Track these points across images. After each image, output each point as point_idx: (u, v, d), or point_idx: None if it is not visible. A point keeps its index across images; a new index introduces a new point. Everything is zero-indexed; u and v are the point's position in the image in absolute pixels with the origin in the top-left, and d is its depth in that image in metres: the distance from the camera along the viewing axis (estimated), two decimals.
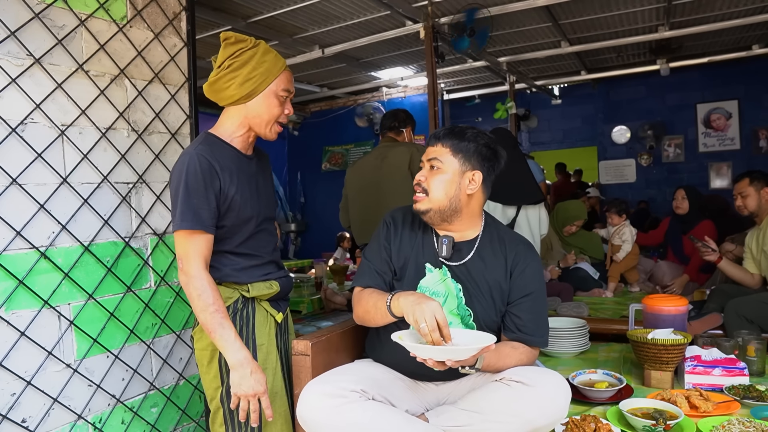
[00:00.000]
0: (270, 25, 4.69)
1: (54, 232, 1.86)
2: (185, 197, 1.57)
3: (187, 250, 1.57)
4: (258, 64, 1.63)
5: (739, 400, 1.78)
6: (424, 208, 1.66)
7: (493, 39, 5.45)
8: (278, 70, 1.66)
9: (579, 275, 3.95)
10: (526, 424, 1.42)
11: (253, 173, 1.76)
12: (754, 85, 7.28)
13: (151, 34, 2.20)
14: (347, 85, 7.21)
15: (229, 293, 1.70)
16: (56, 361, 1.86)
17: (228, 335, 1.55)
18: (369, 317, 1.67)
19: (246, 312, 1.72)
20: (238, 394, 1.56)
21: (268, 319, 1.76)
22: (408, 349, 1.40)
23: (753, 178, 3.03)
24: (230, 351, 1.55)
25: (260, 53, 1.64)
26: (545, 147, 8.94)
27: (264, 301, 1.77)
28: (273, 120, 1.69)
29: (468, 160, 1.66)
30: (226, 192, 1.63)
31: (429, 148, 1.70)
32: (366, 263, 1.76)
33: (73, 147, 1.93)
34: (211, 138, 1.69)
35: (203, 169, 1.58)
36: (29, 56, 1.80)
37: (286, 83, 1.69)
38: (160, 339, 2.22)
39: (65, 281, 1.89)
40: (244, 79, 1.62)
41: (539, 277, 1.71)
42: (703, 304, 3.00)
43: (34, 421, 1.80)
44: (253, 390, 1.55)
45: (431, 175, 1.66)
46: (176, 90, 2.31)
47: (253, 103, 1.66)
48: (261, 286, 1.75)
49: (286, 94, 1.70)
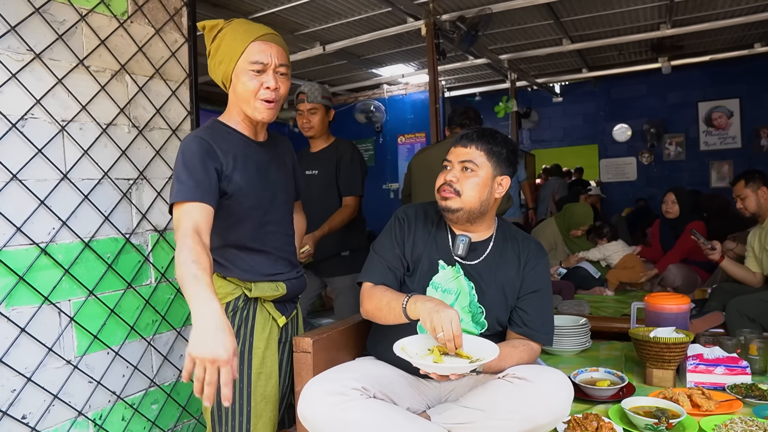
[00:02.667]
0: (271, 22, 4.67)
1: (54, 228, 1.86)
2: (181, 173, 1.48)
3: (179, 219, 1.42)
4: (226, 45, 1.55)
5: (742, 399, 1.77)
6: (455, 206, 1.65)
7: (494, 36, 5.44)
8: (243, 43, 1.53)
9: (580, 274, 3.95)
10: (529, 422, 1.42)
11: (264, 160, 1.67)
12: (756, 84, 7.27)
13: (152, 30, 2.19)
14: (348, 82, 7.19)
15: (230, 289, 1.63)
16: (56, 358, 1.86)
17: (198, 287, 1.24)
18: (380, 315, 1.64)
19: (246, 312, 1.64)
20: (193, 355, 1.15)
21: (269, 322, 1.68)
22: (412, 363, 1.41)
23: (749, 179, 3.02)
24: (196, 301, 1.22)
25: (228, 33, 1.55)
26: (546, 145, 8.93)
27: (268, 302, 1.68)
28: (251, 96, 1.56)
29: (499, 165, 1.67)
30: (229, 175, 1.55)
31: (459, 149, 1.68)
32: (377, 258, 1.75)
33: (73, 143, 1.92)
34: (216, 124, 1.64)
35: (200, 148, 1.51)
36: (29, 51, 1.79)
37: (254, 55, 1.53)
38: (160, 336, 2.21)
39: (66, 277, 1.88)
40: (218, 63, 1.58)
41: (547, 276, 1.75)
42: (705, 302, 2.99)
43: (35, 417, 1.80)
44: (212, 354, 1.14)
45: (464, 177, 1.65)
46: (177, 86, 2.30)
47: (233, 85, 1.58)
48: (265, 286, 1.65)
49: (258, 66, 1.53)
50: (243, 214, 1.61)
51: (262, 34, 1.55)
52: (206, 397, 1.14)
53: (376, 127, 7.43)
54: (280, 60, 1.57)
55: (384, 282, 1.70)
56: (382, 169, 7.48)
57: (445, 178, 1.67)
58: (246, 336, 1.62)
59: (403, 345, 1.48)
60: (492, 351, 1.45)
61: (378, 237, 1.81)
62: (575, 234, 4.13)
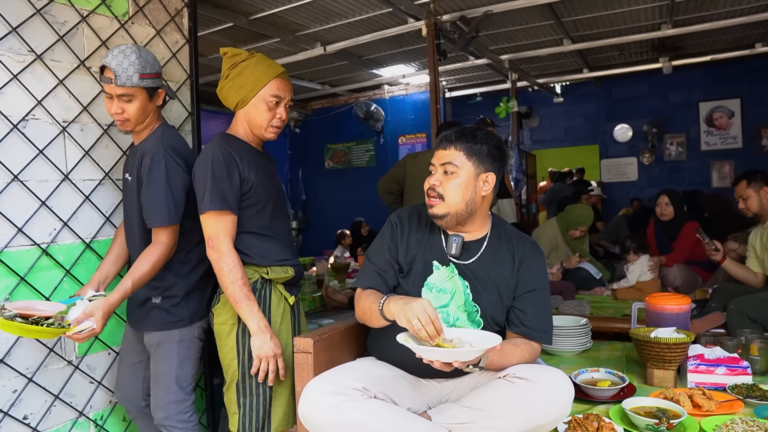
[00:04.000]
0: (272, 22, 4.68)
1: (55, 229, 1.86)
2: (212, 183, 1.76)
3: (217, 230, 1.77)
4: (249, 74, 1.83)
5: (743, 400, 1.77)
6: (441, 212, 1.64)
7: (495, 36, 5.44)
8: (268, 78, 1.84)
9: (581, 274, 3.94)
10: (530, 422, 1.42)
11: (266, 165, 1.97)
12: (757, 84, 7.26)
13: (152, 31, 2.19)
14: (349, 83, 7.20)
15: (250, 274, 1.87)
16: (58, 358, 1.86)
17: (252, 306, 1.78)
18: (366, 318, 1.69)
19: (264, 292, 1.89)
20: (260, 356, 1.78)
21: (282, 300, 1.94)
22: (414, 351, 1.40)
23: (750, 180, 3.01)
24: (253, 319, 1.78)
25: (252, 64, 1.84)
26: (547, 145, 8.92)
27: (279, 284, 1.93)
28: (265, 124, 1.87)
29: (482, 163, 1.65)
30: (246, 176, 1.83)
31: (440, 152, 1.67)
32: (368, 264, 1.76)
33: (74, 143, 1.92)
34: (227, 136, 1.90)
35: (225, 159, 1.79)
36: (31, 52, 1.79)
37: (275, 90, 1.85)
38: None
39: (67, 278, 1.88)
40: (238, 87, 1.84)
41: (544, 275, 1.74)
42: (706, 302, 2.99)
43: (36, 417, 1.80)
44: (272, 352, 1.79)
45: (446, 180, 1.64)
46: (178, 86, 2.31)
47: (248, 108, 1.87)
48: (278, 270, 1.92)
49: (276, 99, 1.86)
50: (259, 206, 1.88)
51: (281, 72, 1.88)
52: (270, 381, 1.82)
53: (376, 128, 7.43)
54: (290, 95, 1.92)
55: (372, 287, 1.72)
56: (383, 169, 7.46)
57: (430, 182, 1.67)
58: (264, 311, 1.87)
59: (407, 337, 1.47)
60: (494, 339, 1.44)
61: (372, 242, 1.83)
62: (574, 235, 4.11)
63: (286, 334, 1.93)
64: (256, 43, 5.14)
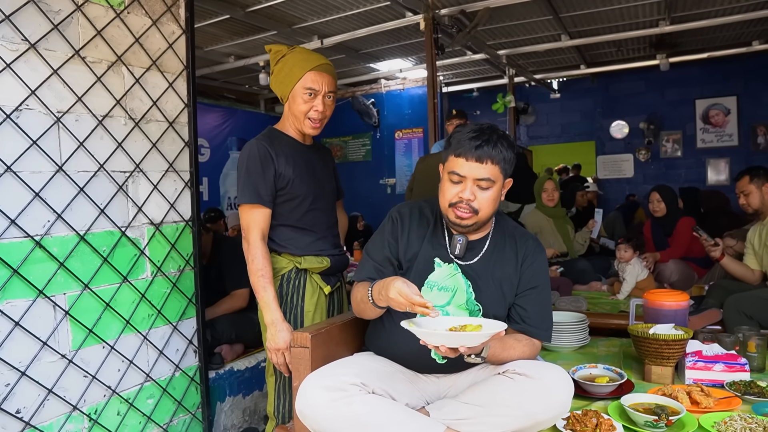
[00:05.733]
0: (269, 15, 4.64)
1: (49, 221, 1.83)
2: (246, 177, 1.87)
3: (249, 222, 1.87)
4: (288, 68, 1.91)
5: (740, 396, 1.77)
6: (471, 222, 1.60)
7: (493, 31, 5.42)
8: (302, 71, 1.88)
9: (578, 268, 3.94)
10: (529, 418, 1.41)
11: (311, 159, 2.03)
12: (754, 82, 7.27)
13: (149, 21, 2.16)
14: (346, 77, 7.16)
15: (285, 263, 1.97)
16: (51, 352, 1.84)
17: (268, 297, 1.84)
18: (361, 310, 1.68)
19: (298, 282, 1.98)
20: (269, 347, 1.86)
21: (316, 290, 2.00)
22: (419, 336, 1.36)
23: (753, 176, 3.01)
24: (267, 311, 1.86)
25: (290, 58, 1.91)
26: (543, 141, 8.92)
27: (315, 274, 2.00)
28: (302, 115, 1.92)
29: (506, 170, 1.61)
30: (282, 172, 1.91)
31: (474, 164, 1.55)
32: (367, 258, 1.75)
33: (69, 134, 1.90)
34: (272, 131, 2.00)
35: (261, 155, 1.88)
36: (24, 41, 1.76)
37: (309, 83, 1.89)
38: (156, 330, 2.19)
39: (60, 271, 1.86)
40: (279, 82, 1.94)
41: (546, 272, 1.72)
42: (702, 299, 2.99)
43: (29, 411, 1.78)
44: (276, 345, 1.84)
45: (481, 194, 1.57)
46: (174, 78, 2.28)
47: (289, 102, 1.95)
48: (313, 259, 1.99)
49: (310, 92, 1.90)
50: (296, 201, 1.95)
51: (317, 64, 1.91)
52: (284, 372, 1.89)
53: (373, 122, 7.40)
54: (329, 88, 1.93)
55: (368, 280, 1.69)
56: (379, 164, 7.46)
57: (461, 196, 1.57)
58: (298, 300, 1.97)
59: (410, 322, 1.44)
60: (499, 325, 1.40)
61: (371, 237, 1.81)
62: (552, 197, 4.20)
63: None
64: (252, 35, 5.10)
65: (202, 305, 2.37)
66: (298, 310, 1.98)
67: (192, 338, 2.35)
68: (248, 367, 2.83)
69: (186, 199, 2.33)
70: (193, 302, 2.35)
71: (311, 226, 2.01)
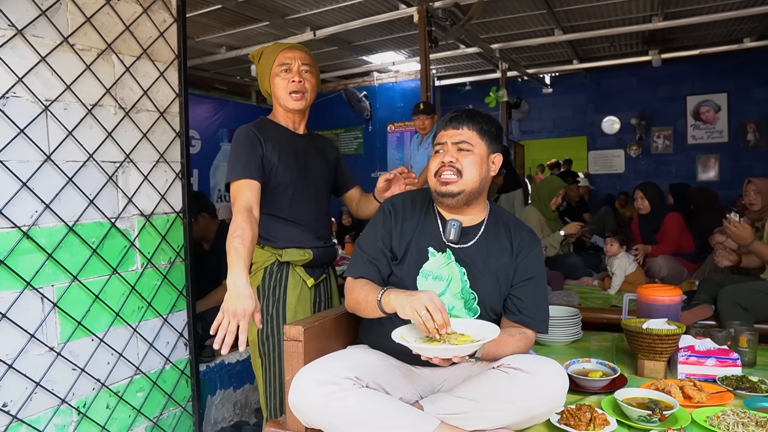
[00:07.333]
0: (261, 5, 4.59)
1: (37, 211, 1.80)
2: (234, 158, 1.87)
3: (236, 194, 1.82)
4: (264, 60, 1.99)
5: (732, 391, 1.77)
6: (457, 189, 1.61)
7: (486, 25, 5.40)
8: (273, 54, 1.95)
9: (569, 262, 3.95)
10: (524, 412, 1.40)
11: (302, 149, 2.01)
12: (744, 79, 7.32)
13: (139, 8, 2.12)
14: (338, 69, 7.13)
15: (266, 257, 1.95)
16: (39, 344, 1.81)
17: (236, 259, 1.63)
18: (359, 309, 1.65)
19: (280, 275, 1.95)
20: (223, 310, 1.56)
21: (299, 283, 1.97)
22: (412, 349, 1.37)
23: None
24: (231, 273, 1.62)
25: (264, 51, 2.00)
26: (535, 136, 8.94)
27: (298, 266, 1.97)
28: (284, 93, 1.94)
29: (491, 143, 1.66)
30: (268, 157, 1.90)
31: (451, 131, 1.65)
32: (359, 253, 1.73)
33: (57, 123, 1.86)
34: (263, 119, 2.02)
35: (249, 136, 1.89)
36: (11, 27, 1.72)
37: (281, 60, 1.94)
38: (146, 322, 2.17)
39: (49, 262, 1.83)
40: (260, 76, 2.01)
41: (541, 263, 1.72)
42: (693, 294, 3.00)
43: (16, 405, 1.75)
44: (234, 311, 1.54)
45: (462, 156, 1.62)
46: (165, 67, 2.24)
47: (272, 90, 1.98)
48: (294, 252, 1.95)
49: (284, 67, 1.94)
50: (279, 188, 1.93)
51: (288, 46, 1.98)
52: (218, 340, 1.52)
53: (365, 115, 7.37)
54: (303, 61, 1.96)
55: (364, 276, 1.68)
56: (371, 157, 7.44)
57: (443, 160, 1.63)
58: (280, 294, 1.94)
59: (402, 333, 1.45)
60: (492, 330, 1.41)
61: (363, 230, 1.79)
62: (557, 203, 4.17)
63: (303, 316, 1.95)
64: (244, 26, 5.05)
65: (192, 298, 2.35)
66: (281, 304, 1.94)
67: (182, 331, 2.33)
68: (239, 360, 2.81)
69: (177, 190, 2.30)
70: (184, 294, 2.32)
71: (296, 217, 1.97)
